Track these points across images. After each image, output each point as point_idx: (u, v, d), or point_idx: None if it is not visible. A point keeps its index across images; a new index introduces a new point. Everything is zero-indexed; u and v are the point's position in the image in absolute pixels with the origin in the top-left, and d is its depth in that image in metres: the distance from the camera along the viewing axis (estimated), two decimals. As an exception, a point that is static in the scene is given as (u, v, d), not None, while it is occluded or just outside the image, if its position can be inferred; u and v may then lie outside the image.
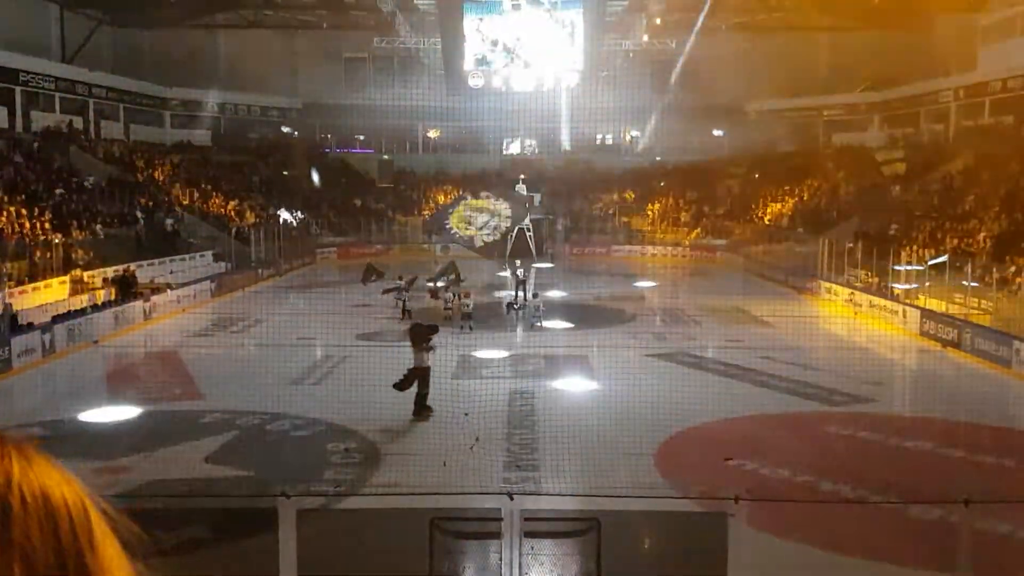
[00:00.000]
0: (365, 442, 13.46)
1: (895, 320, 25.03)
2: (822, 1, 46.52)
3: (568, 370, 18.97)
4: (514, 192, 44.51)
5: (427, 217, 48.46)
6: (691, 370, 19.16)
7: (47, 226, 27.96)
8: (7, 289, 21.85)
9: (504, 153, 55.22)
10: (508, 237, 43.51)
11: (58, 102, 40.40)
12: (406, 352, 15.48)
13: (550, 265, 39.94)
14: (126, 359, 21.30)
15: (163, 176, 40.69)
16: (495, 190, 38.78)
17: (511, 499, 7.86)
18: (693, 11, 44.67)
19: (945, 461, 13.00)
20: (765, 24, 49.25)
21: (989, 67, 39.31)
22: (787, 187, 46.37)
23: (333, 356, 20.56)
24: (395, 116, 48.35)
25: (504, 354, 20.58)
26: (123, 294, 25.30)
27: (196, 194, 40.92)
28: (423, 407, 14.86)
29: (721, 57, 47.14)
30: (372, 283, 27.36)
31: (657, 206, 50.51)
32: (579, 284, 34.99)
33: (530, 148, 55.16)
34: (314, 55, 52.36)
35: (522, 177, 44.94)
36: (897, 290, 26.47)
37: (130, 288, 25.76)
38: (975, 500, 7.78)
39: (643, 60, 49.96)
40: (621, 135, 56.68)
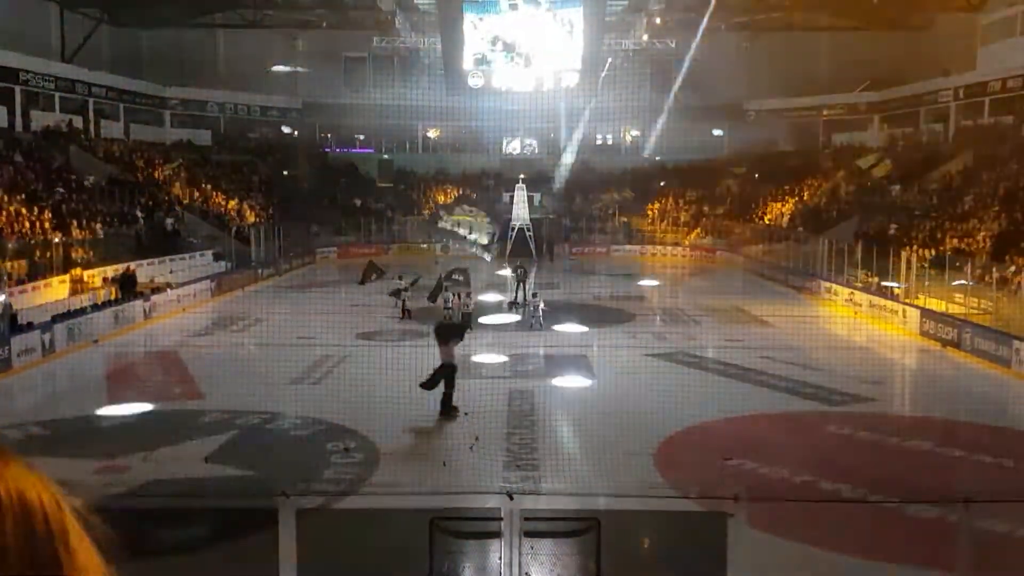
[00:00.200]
0: (365, 442, 13.45)
1: (895, 320, 25.04)
2: (822, 1, 46.53)
3: (568, 370, 18.98)
4: (514, 191, 44.73)
5: (427, 216, 48.56)
6: (691, 370, 19.17)
7: (47, 225, 27.97)
8: (7, 288, 21.85)
9: (504, 153, 55.24)
10: (508, 236, 43.75)
11: (58, 101, 40.34)
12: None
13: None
14: (126, 358, 21.30)
15: (162, 176, 40.67)
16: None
17: (511, 499, 7.86)
18: (693, 11, 44.65)
19: (945, 461, 13.00)
20: (765, 24, 49.24)
21: (988, 67, 39.30)
22: (787, 187, 46.38)
23: (333, 356, 20.56)
24: (395, 116, 48.31)
25: (504, 355, 20.57)
26: (123, 293, 25.30)
27: (196, 193, 40.93)
28: (450, 406, 14.83)
29: (721, 57, 47.15)
30: (372, 282, 27.36)
31: (657, 206, 50.54)
32: (579, 284, 35.01)
33: (530, 148, 55.18)
34: (314, 54, 52.37)
35: (522, 177, 44.98)
36: (897, 290, 26.48)
37: (130, 287, 25.75)
38: (975, 499, 7.78)
39: (643, 60, 49.95)
40: (621, 135, 56.68)
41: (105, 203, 33.51)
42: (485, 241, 39.28)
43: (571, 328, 23.96)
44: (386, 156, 55.08)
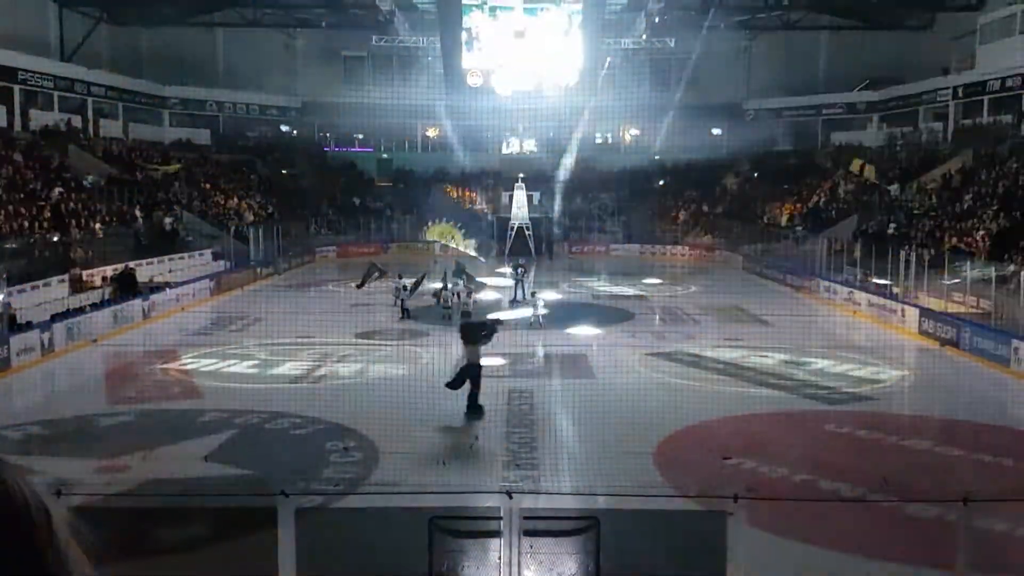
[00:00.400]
0: (364, 441, 13.44)
1: (894, 319, 25.05)
2: (822, 0, 46.55)
3: (567, 369, 18.96)
4: (513, 191, 44.72)
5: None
6: (690, 369, 19.17)
7: (46, 225, 27.94)
8: (6, 288, 21.81)
9: (503, 152, 55.19)
10: (508, 235, 43.76)
11: (57, 100, 40.30)
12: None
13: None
14: (125, 358, 21.28)
15: (159, 177, 40.62)
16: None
17: (510, 498, 7.87)
18: (693, 10, 44.62)
19: (944, 460, 13.01)
20: (765, 23, 49.20)
21: (988, 66, 39.29)
22: (786, 186, 46.38)
23: (332, 355, 20.55)
24: (394, 115, 48.26)
25: (503, 354, 20.55)
26: (122, 293, 25.27)
27: (195, 193, 40.90)
28: (476, 406, 14.79)
29: (720, 56, 47.14)
30: (373, 282, 27.35)
31: (656, 205, 50.50)
32: (578, 283, 35.00)
33: (529, 148, 55.17)
34: (313, 53, 52.34)
35: (521, 176, 44.95)
36: (896, 288, 26.48)
37: (129, 287, 25.72)
38: (974, 499, 7.79)
39: (642, 59, 49.93)
40: (620, 134, 56.66)
41: (104, 202, 33.48)
42: (475, 247, 39.67)
43: (571, 327, 23.95)
44: (385, 155, 55.05)
